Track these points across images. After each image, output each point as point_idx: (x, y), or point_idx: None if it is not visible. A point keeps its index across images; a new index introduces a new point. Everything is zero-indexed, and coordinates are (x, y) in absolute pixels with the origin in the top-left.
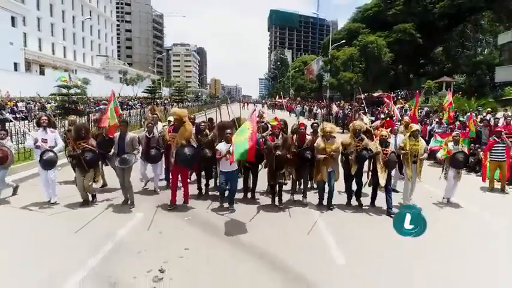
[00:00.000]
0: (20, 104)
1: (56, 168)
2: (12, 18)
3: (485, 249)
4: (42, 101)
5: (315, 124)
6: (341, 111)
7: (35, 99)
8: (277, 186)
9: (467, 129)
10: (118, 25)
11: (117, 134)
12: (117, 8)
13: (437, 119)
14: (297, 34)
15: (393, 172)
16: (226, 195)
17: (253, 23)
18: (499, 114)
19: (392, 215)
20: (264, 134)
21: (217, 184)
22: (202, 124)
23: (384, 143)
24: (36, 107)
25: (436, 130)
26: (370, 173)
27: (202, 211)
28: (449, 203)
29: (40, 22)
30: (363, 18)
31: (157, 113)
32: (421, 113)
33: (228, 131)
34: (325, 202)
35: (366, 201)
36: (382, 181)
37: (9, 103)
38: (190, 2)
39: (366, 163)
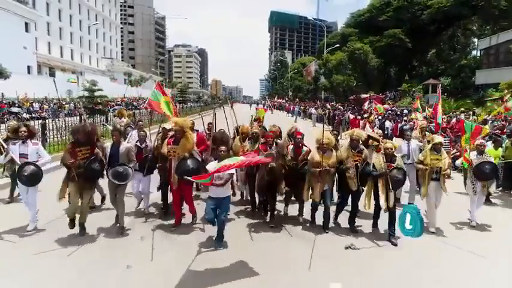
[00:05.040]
0: (35, 105)
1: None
2: (26, 24)
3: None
4: (62, 102)
5: (335, 132)
6: (331, 111)
7: (47, 99)
8: (268, 201)
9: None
10: (121, 27)
11: (109, 144)
12: (120, 10)
13: (406, 118)
14: (297, 35)
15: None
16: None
17: (254, 24)
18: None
19: (394, 242)
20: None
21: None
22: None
23: (390, 158)
24: (49, 106)
25: (405, 127)
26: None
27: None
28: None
29: (49, 26)
30: (356, 23)
31: (126, 118)
32: (402, 111)
33: (223, 148)
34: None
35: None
36: (383, 203)
37: (25, 104)
38: (191, 3)
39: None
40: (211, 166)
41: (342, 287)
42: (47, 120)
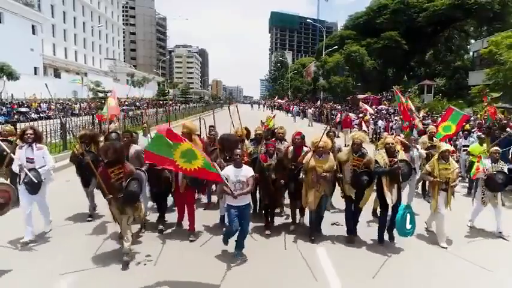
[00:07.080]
0: (43, 105)
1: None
2: (33, 27)
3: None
4: (69, 103)
5: (331, 133)
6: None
7: (54, 100)
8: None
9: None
10: (123, 28)
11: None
12: (121, 11)
13: (397, 117)
14: (297, 36)
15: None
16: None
17: (255, 24)
18: None
19: (390, 240)
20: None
21: (226, 221)
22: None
23: (392, 153)
24: (54, 106)
25: (394, 126)
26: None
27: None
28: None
29: (54, 29)
30: (354, 25)
31: (116, 124)
32: (396, 111)
33: (238, 151)
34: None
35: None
36: (389, 200)
37: (33, 104)
38: (192, 3)
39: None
40: (229, 172)
41: None
42: (63, 120)
